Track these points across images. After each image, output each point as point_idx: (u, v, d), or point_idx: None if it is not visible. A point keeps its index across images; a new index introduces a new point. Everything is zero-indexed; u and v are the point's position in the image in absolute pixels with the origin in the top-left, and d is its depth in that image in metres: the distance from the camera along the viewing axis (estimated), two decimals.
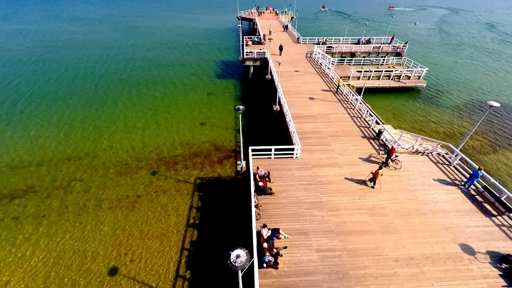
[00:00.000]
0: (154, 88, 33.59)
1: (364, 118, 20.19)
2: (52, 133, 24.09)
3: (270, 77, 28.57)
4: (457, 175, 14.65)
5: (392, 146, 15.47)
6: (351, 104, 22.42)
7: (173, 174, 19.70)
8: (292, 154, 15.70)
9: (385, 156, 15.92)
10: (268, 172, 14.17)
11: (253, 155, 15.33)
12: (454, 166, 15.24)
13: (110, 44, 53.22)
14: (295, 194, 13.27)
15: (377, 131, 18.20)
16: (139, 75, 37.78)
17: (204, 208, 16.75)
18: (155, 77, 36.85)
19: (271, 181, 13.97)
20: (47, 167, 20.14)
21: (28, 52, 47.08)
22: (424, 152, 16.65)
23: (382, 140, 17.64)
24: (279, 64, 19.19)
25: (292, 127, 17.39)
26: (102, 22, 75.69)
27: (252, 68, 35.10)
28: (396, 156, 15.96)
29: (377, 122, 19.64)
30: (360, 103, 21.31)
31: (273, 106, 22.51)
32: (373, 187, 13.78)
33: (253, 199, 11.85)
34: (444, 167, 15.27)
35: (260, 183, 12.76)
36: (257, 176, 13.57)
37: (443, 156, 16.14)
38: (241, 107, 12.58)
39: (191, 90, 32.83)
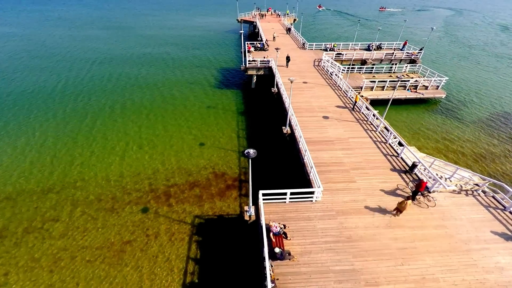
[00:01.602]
0: (142, 101, 30.11)
1: (390, 144, 17.37)
2: (23, 159, 21.00)
3: (276, 90, 25.71)
4: None
5: (422, 180, 12.87)
6: (372, 124, 19.61)
7: (167, 211, 16.78)
8: (311, 197, 12.85)
9: (414, 188, 13.55)
10: (284, 226, 11.32)
11: (264, 199, 12.48)
12: (510, 212, 12.47)
13: (98, 49, 49.80)
14: (320, 258, 10.42)
15: (410, 164, 15.40)
16: (125, 86, 34.23)
17: (204, 261, 13.85)
18: (144, 89, 33.43)
19: (287, 238, 11.12)
20: (26, 200, 17.15)
21: (8, 59, 43.81)
22: (468, 190, 13.86)
23: (415, 174, 14.85)
24: (291, 82, 16.33)
25: (309, 160, 14.51)
26: (92, 25, 72.24)
27: (255, 77, 32.23)
28: (429, 192, 13.35)
29: (400, 144, 17.05)
30: (382, 123, 18.50)
31: (283, 128, 19.65)
32: (395, 215, 12.25)
33: (268, 275, 8.99)
34: (498, 213, 12.48)
35: (277, 249, 9.89)
36: (271, 234, 10.72)
37: (493, 196, 13.36)
38: (251, 151, 9.68)
39: (188, 103, 29.76)
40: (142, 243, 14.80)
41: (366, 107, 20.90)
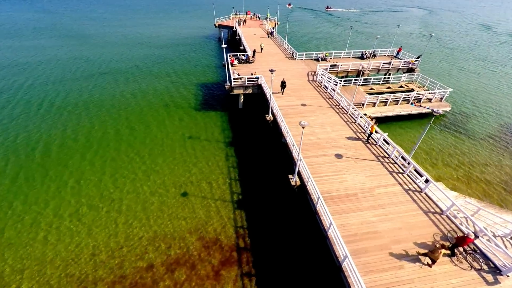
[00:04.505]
0: (90, 138, 23.50)
1: (426, 194, 13.81)
2: None
3: (271, 118, 21.41)
4: None
5: (468, 235, 10.11)
6: (396, 163, 15.98)
7: None
8: None
9: (453, 241, 11.11)
10: None
11: None
12: None
13: (44, 64, 41.35)
14: None
15: (459, 224, 11.91)
16: (70, 114, 26.86)
17: None
18: (93, 118, 26.52)
19: None
20: None
21: None
22: None
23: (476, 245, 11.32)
24: (303, 127, 12.10)
25: (339, 241, 10.39)
26: (43, 33, 62.09)
27: (242, 96, 27.72)
28: (475, 250, 10.87)
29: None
30: (411, 165, 14.91)
31: (290, 177, 15.35)
32: (429, 266, 10.37)
33: None
34: None
35: None
36: None
37: None
38: None
39: (162, 133, 24.36)
40: None
41: (384, 140, 17.31)
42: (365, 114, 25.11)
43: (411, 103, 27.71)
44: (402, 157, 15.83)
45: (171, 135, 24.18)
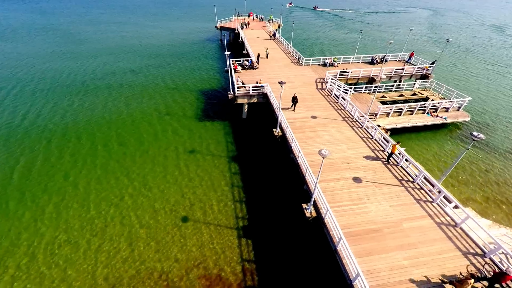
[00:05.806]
0: (83, 149, 21.88)
1: (462, 229, 12.01)
2: None
3: (280, 133, 19.62)
4: None
5: (507, 273, 8.79)
6: (422, 189, 14.18)
7: None
8: None
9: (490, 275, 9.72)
10: None
11: None
12: None
13: (30, 68, 39.54)
14: None
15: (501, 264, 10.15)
16: (46, 126, 24.96)
17: None
18: (88, 127, 24.86)
19: None
20: None
21: None
22: None
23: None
24: (324, 157, 10.31)
25: None
26: (36, 35, 60.46)
27: (246, 105, 25.95)
28: None
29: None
30: (442, 193, 13.12)
31: (304, 208, 13.53)
32: None
33: None
34: None
35: None
36: None
37: None
38: None
39: (154, 148, 22.37)
40: None
41: (406, 160, 15.52)
42: (379, 126, 23.32)
43: (427, 113, 25.91)
44: (430, 182, 14.05)
45: (164, 150, 22.20)
